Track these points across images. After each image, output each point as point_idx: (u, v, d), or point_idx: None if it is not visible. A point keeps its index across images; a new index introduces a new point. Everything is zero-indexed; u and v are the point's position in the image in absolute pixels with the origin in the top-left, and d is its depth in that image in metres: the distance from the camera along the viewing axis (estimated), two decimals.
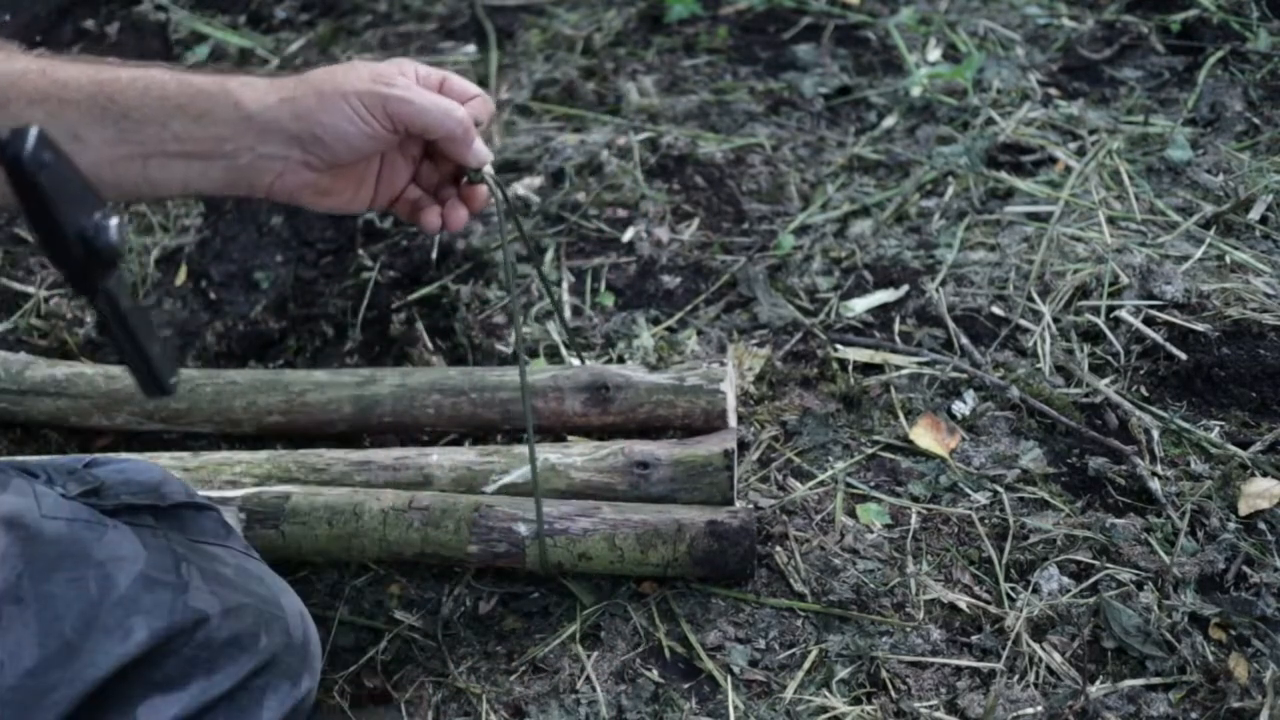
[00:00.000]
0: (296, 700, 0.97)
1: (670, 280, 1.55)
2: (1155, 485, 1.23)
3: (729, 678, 1.09)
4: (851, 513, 1.24)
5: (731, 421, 1.25)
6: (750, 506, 1.20)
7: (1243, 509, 1.20)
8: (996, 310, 1.46)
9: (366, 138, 0.93)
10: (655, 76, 1.94)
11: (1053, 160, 1.69)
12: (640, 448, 1.20)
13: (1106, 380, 1.36)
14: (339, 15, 2.20)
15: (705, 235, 1.62)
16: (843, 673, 1.09)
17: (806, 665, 1.10)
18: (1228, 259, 1.48)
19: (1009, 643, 1.10)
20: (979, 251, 1.55)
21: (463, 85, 1.00)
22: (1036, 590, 1.15)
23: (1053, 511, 1.22)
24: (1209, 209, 1.56)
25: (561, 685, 1.10)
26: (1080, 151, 1.70)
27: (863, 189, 1.68)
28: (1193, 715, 1.04)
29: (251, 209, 1.78)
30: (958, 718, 1.05)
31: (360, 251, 1.67)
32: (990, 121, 1.76)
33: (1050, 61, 1.91)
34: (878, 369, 1.40)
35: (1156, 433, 1.28)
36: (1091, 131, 1.73)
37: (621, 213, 1.66)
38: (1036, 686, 1.07)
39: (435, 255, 1.62)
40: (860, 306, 1.49)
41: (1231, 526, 1.18)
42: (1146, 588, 1.13)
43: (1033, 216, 1.59)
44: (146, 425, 1.37)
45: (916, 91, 1.84)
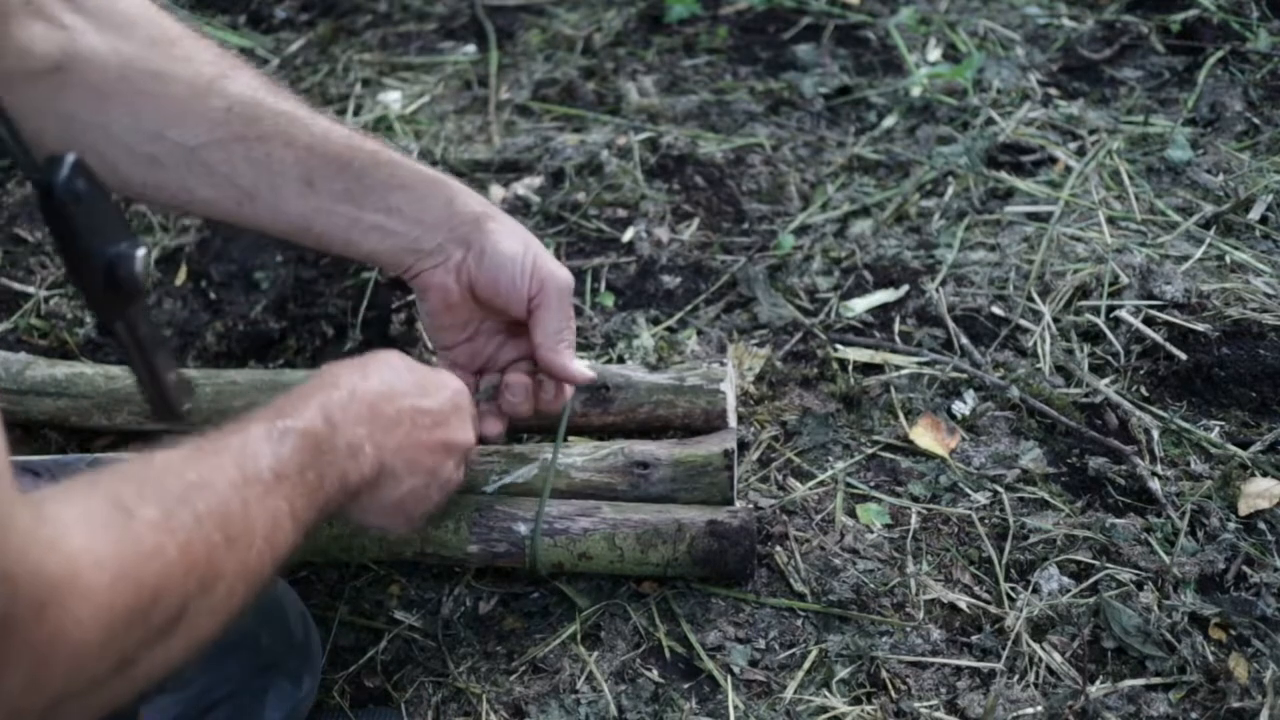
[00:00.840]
0: (297, 700, 0.98)
1: (670, 280, 1.55)
2: (1155, 485, 1.23)
3: (729, 678, 1.09)
4: (851, 513, 1.24)
5: (731, 421, 1.25)
6: (750, 506, 1.20)
7: (1243, 509, 1.20)
8: (996, 310, 1.46)
9: (513, 288, 1.04)
10: (655, 76, 1.94)
11: (1053, 160, 1.69)
12: (640, 447, 1.20)
13: (1106, 380, 1.36)
14: (339, 15, 2.20)
15: (705, 235, 1.62)
16: (843, 673, 1.09)
17: (806, 665, 1.10)
18: (1228, 259, 1.48)
19: (1009, 643, 1.10)
20: (979, 251, 1.55)
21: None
22: (1036, 590, 1.15)
23: (1053, 511, 1.22)
24: (1209, 209, 1.56)
25: (561, 685, 1.10)
26: (1080, 151, 1.70)
27: (863, 189, 1.68)
28: (1193, 715, 1.04)
29: None
30: (958, 718, 1.05)
31: None
32: (990, 121, 1.76)
33: (1050, 61, 1.91)
34: (878, 369, 1.40)
35: (1156, 433, 1.28)
36: (1091, 131, 1.73)
37: (621, 213, 1.66)
38: (1036, 686, 1.07)
39: None
40: (860, 306, 1.49)
41: (1231, 526, 1.18)
42: (1146, 588, 1.13)
43: (1033, 216, 1.59)
44: (147, 425, 1.37)
45: (916, 91, 1.84)
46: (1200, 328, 1.37)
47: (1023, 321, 1.44)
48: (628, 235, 1.61)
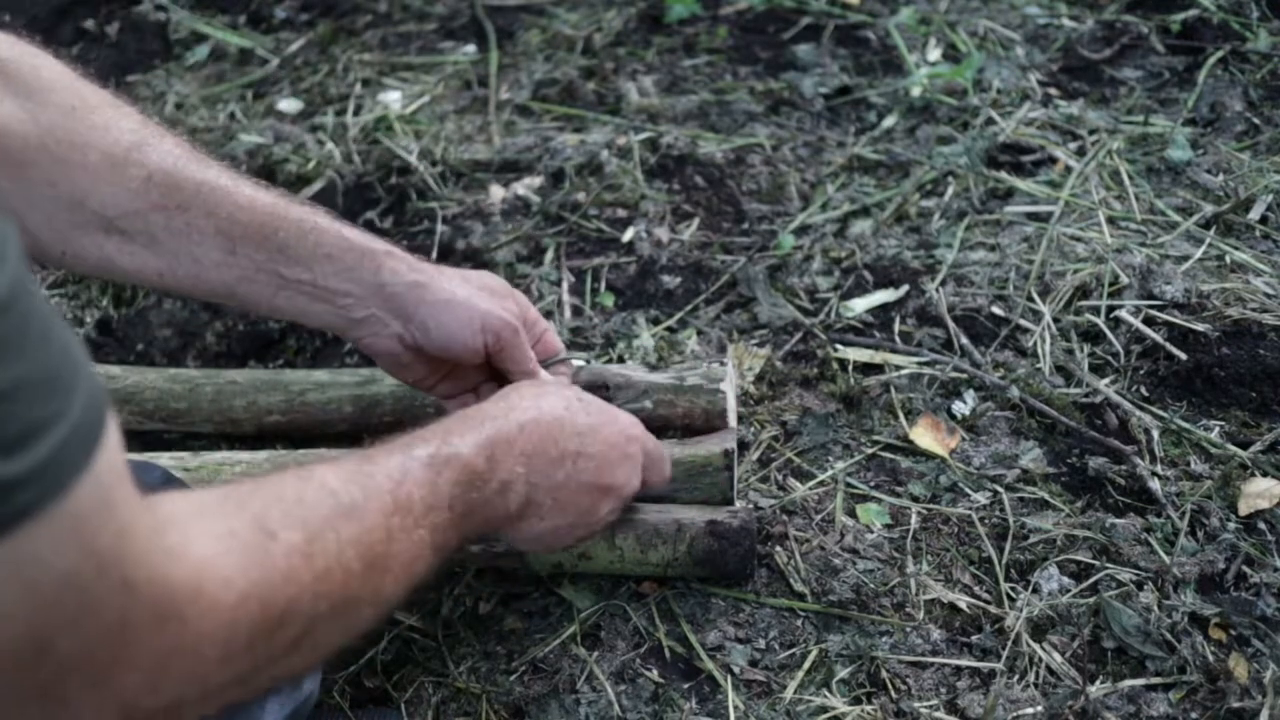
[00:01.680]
0: (298, 701, 0.98)
1: (670, 280, 1.55)
2: (1155, 485, 1.23)
3: (729, 678, 1.09)
4: (851, 513, 1.24)
5: (731, 421, 1.25)
6: (750, 506, 1.20)
7: (1243, 509, 1.20)
8: (996, 310, 1.46)
9: (467, 350, 1.03)
10: (655, 76, 1.94)
11: (1053, 160, 1.69)
12: None
13: (1106, 380, 1.36)
14: (339, 15, 2.20)
15: (705, 235, 1.62)
16: (843, 673, 1.09)
17: (806, 665, 1.10)
18: (1228, 259, 1.48)
19: (1009, 643, 1.10)
20: (979, 251, 1.55)
21: (556, 345, 1.15)
22: (1036, 590, 1.15)
23: (1053, 511, 1.22)
24: (1209, 209, 1.56)
25: (561, 685, 1.10)
26: (1080, 151, 1.70)
27: (863, 189, 1.68)
28: (1193, 715, 1.04)
29: None
30: (958, 718, 1.05)
31: None
32: (990, 121, 1.76)
33: (1050, 61, 1.91)
34: (878, 369, 1.40)
35: (1156, 433, 1.28)
36: (1091, 131, 1.73)
37: (621, 213, 1.66)
38: (1036, 686, 1.07)
39: (435, 255, 1.62)
40: (860, 306, 1.49)
41: (1231, 526, 1.18)
42: (1146, 588, 1.13)
43: (1033, 216, 1.59)
44: (146, 425, 1.37)
45: (916, 91, 1.84)
46: (1200, 328, 1.37)
47: (1023, 321, 1.44)
48: (628, 235, 1.61)
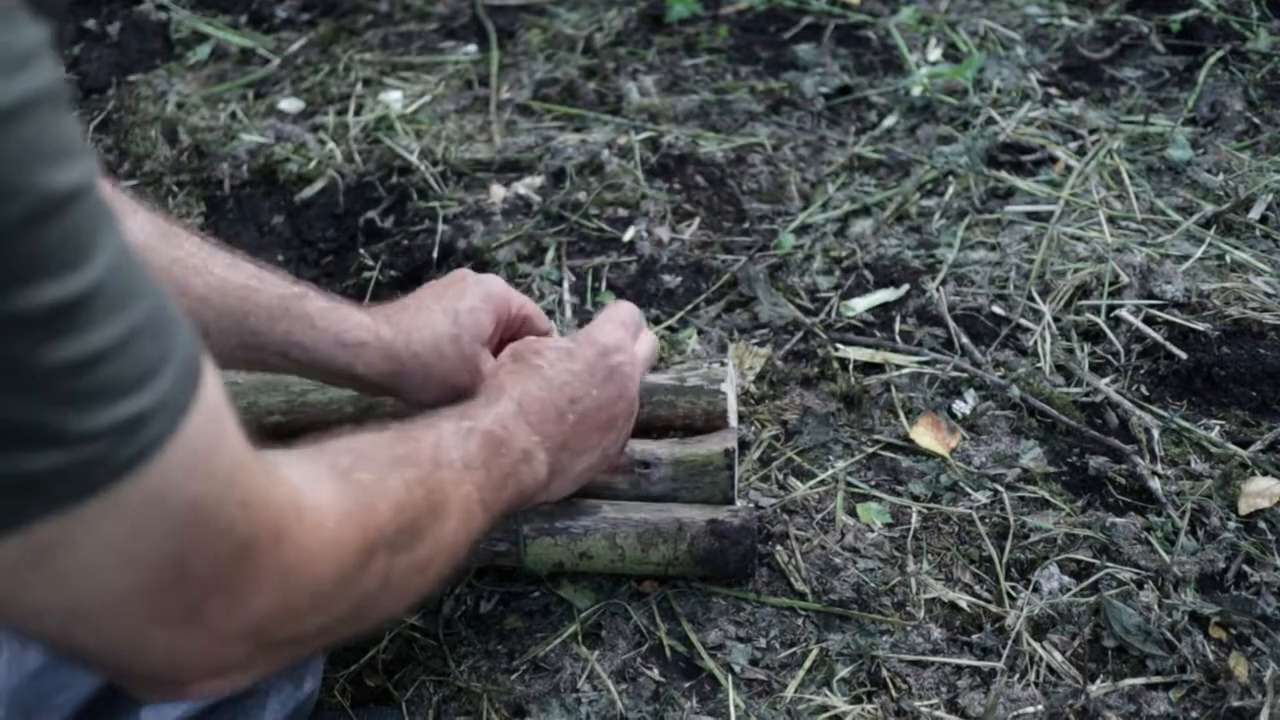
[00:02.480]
0: (299, 701, 0.98)
1: (671, 280, 1.55)
2: (1155, 484, 1.23)
3: (730, 677, 1.10)
4: (852, 512, 1.24)
5: (732, 421, 1.25)
6: (751, 505, 1.20)
7: (1243, 508, 1.20)
8: (997, 310, 1.46)
9: (457, 395, 1.01)
10: (656, 76, 1.94)
11: (1053, 160, 1.69)
12: (641, 446, 1.20)
13: (1106, 380, 1.36)
14: (340, 15, 2.20)
15: (706, 235, 1.62)
16: (843, 672, 1.09)
17: (807, 664, 1.10)
18: (1228, 258, 1.48)
19: (1009, 642, 1.10)
20: (979, 251, 1.55)
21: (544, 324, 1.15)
22: (1037, 589, 1.15)
23: (1053, 511, 1.22)
24: (1209, 209, 1.56)
25: (562, 684, 1.10)
26: (1080, 151, 1.70)
27: (863, 188, 1.68)
28: (1193, 714, 1.04)
29: (253, 208, 1.78)
30: (958, 717, 1.05)
31: (361, 251, 1.67)
32: (990, 121, 1.77)
33: (1050, 61, 1.91)
34: (878, 368, 1.40)
35: (1156, 432, 1.28)
36: (1092, 131, 1.73)
37: (622, 212, 1.66)
38: (1037, 685, 1.07)
39: (436, 255, 1.62)
40: (861, 306, 1.49)
41: (1231, 526, 1.18)
42: (1147, 587, 1.13)
43: (1033, 216, 1.59)
44: None
45: (917, 91, 1.85)
46: (1200, 327, 1.38)
47: (1023, 321, 1.44)
48: (628, 235, 1.62)
